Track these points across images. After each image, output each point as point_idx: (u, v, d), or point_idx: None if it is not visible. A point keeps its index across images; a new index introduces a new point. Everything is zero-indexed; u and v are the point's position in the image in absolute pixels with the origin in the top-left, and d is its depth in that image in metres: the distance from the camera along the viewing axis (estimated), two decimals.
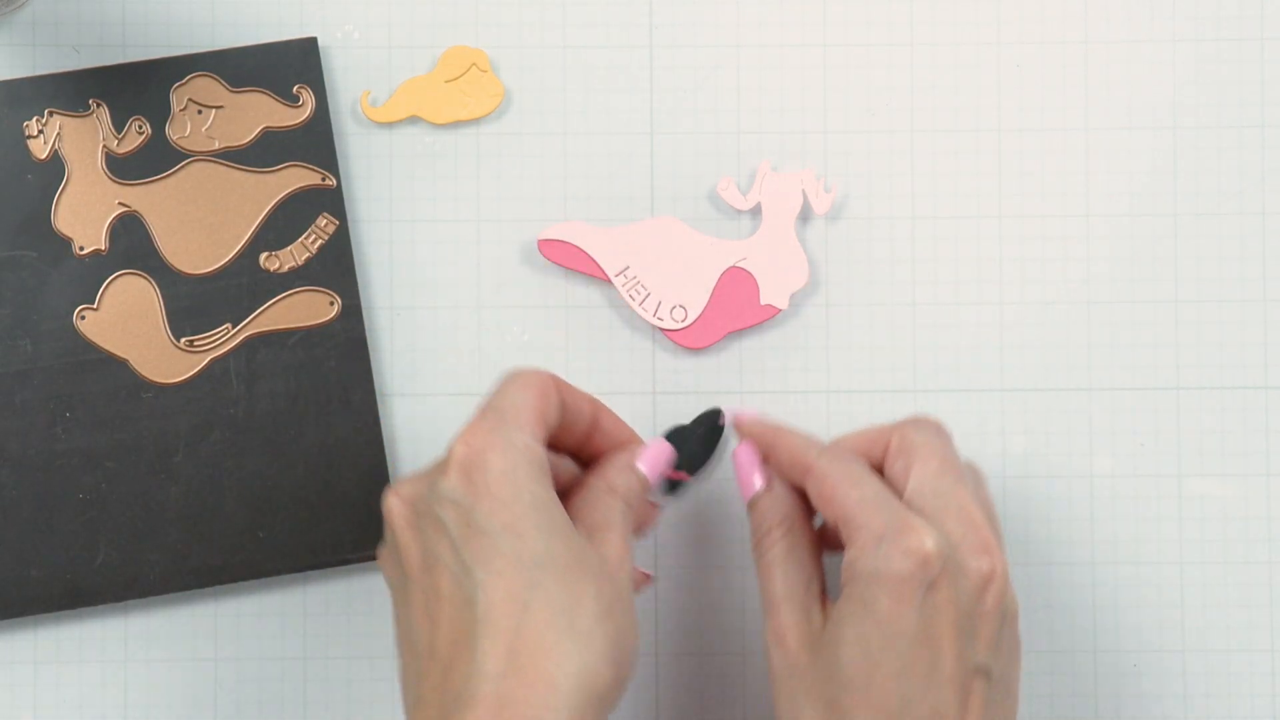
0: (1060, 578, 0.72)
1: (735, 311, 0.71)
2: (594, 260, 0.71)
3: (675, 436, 0.68)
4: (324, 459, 0.70)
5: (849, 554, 0.60)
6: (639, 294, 0.71)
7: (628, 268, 0.71)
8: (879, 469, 0.63)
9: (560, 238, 0.71)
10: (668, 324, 0.71)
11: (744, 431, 0.66)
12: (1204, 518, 0.72)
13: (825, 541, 0.65)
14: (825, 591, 0.63)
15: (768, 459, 0.65)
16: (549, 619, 0.57)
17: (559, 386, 0.62)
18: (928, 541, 0.58)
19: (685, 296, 0.71)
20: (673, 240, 0.71)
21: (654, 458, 0.65)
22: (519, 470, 0.59)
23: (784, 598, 0.62)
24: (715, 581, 0.72)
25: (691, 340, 0.71)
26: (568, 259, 0.71)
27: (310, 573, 0.71)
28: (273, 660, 0.71)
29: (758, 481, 0.65)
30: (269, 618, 0.71)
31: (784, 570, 0.63)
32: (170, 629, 0.71)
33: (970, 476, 0.63)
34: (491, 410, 0.60)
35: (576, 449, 0.65)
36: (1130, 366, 0.72)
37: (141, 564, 0.70)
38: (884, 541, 0.59)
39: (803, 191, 0.71)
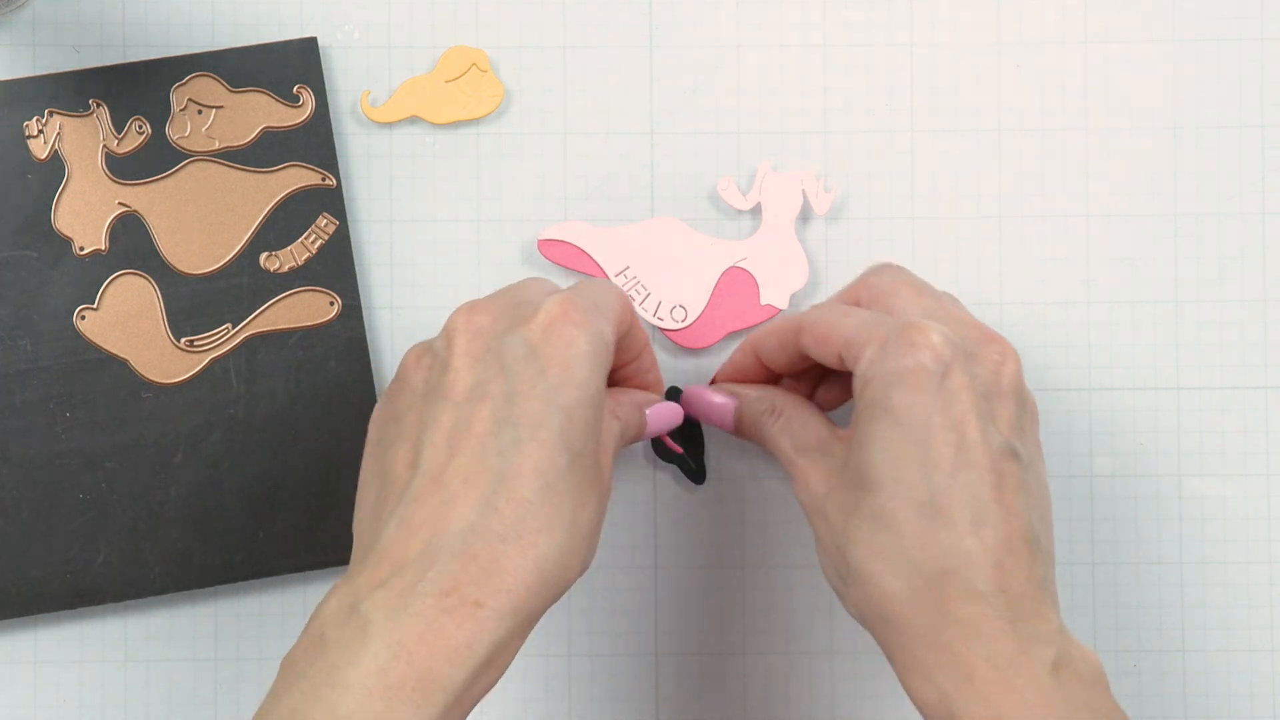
0: (1061, 578, 0.72)
1: (735, 311, 0.71)
2: (594, 260, 0.71)
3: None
4: (324, 459, 0.70)
5: (858, 369, 0.60)
6: (639, 294, 0.71)
7: (628, 268, 0.71)
8: None
9: (560, 238, 0.71)
10: (668, 324, 0.71)
11: (721, 373, 0.69)
12: (1204, 518, 0.72)
13: (827, 405, 0.67)
14: (835, 429, 0.64)
15: (751, 359, 0.67)
16: (561, 506, 0.57)
17: (631, 309, 0.63)
18: (934, 334, 0.58)
19: (685, 296, 0.71)
20: (673, 240, 0.71)
21: (660, 414, 0.67)
22: (597, 359, 0.59)
23: (797, 453, 0.63)
24: (715, 581, 0.72)
25: (692, 340, 0.71)
26: (568, 259, 0.71)
27: (310, 573, 0.71)
28: (273, 660, 0.71)
29: (724, 398, 0.67)
30: (269, 618, 0.71)
31: (789, 435, 0.64)
32: (170, 629, 0.71)
33: (948, 300, 0.63)
34: (584, 295, 0.60)
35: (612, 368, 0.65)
36: (1131, 366, 0.72)
37: (141, 564, 0.70)
38: (889, 345, 0.59)
39: (803, 191, 0.71)
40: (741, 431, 0.67)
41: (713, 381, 0.70)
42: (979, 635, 0.56)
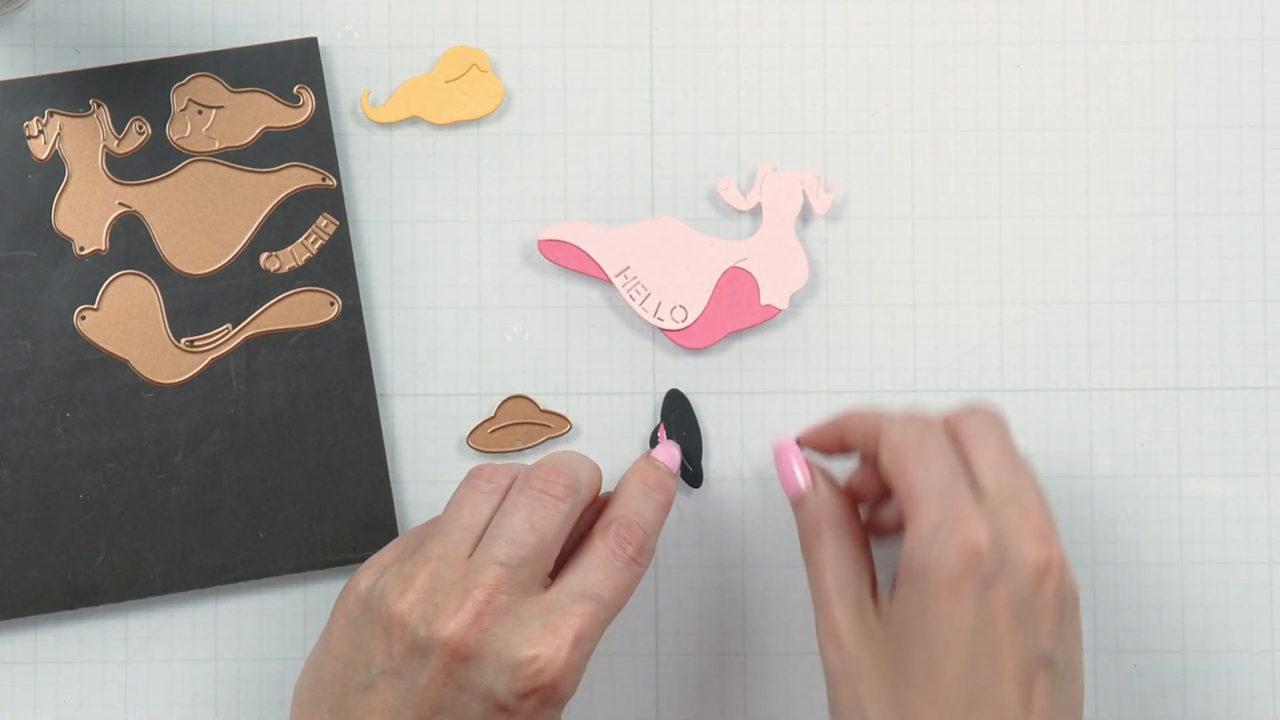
0: None
1: (735, 312, 0.71)
2: (594, 260, 0.71)
3: (672, 433, 0.70)
4: (324, 459, 0.70)
5: (906, 544, 0.60)
6: (639, 294, 0.71)
7: (628, 268, 0.71)
8: None
9: (560, 238, 0.71)
10: (668, 324, 0.71)
11: (805, 438, 0.67)
12: (1204, 518, 0.72)
13: (875, 529, 0.66)
14: (876, 587, 0.63)
15: (836, 436, 0.65)
16: None
17: (594, 490, 0.66)
18: (981, 536, 0.58)
19: (685, 297, 0.71)
20: (673, 240, 0.71)
21: (670, 455, 0.68)
22: (566, 698, 0.62)
23: (836, 595, 0.62)
24: (715, 581, 0.72)
25: (692, 340, 0.71)
26: (568, 259, 0.71)
27: (310, 573, 0.71)
28: (273, 660, 0.71)
29: (802, 480, 0.65)
30: (269, 618, 0.71)
31: (835, 569, 0.62)
32: (170, 629, 0.71)
33: (1024, 474, 0.62)
34: (584, 637, 0.61)
35: None
36: (1130, 366, 0.72)
37: (142, 564, 0.70)
38: (939, 533, 0.59)
39: (803, 191, 0.71)
40: (796, 516, 0.65)
41: (799, 439, 0.67)
42: None
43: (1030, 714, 0.59)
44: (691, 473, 0.71)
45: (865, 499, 0.65)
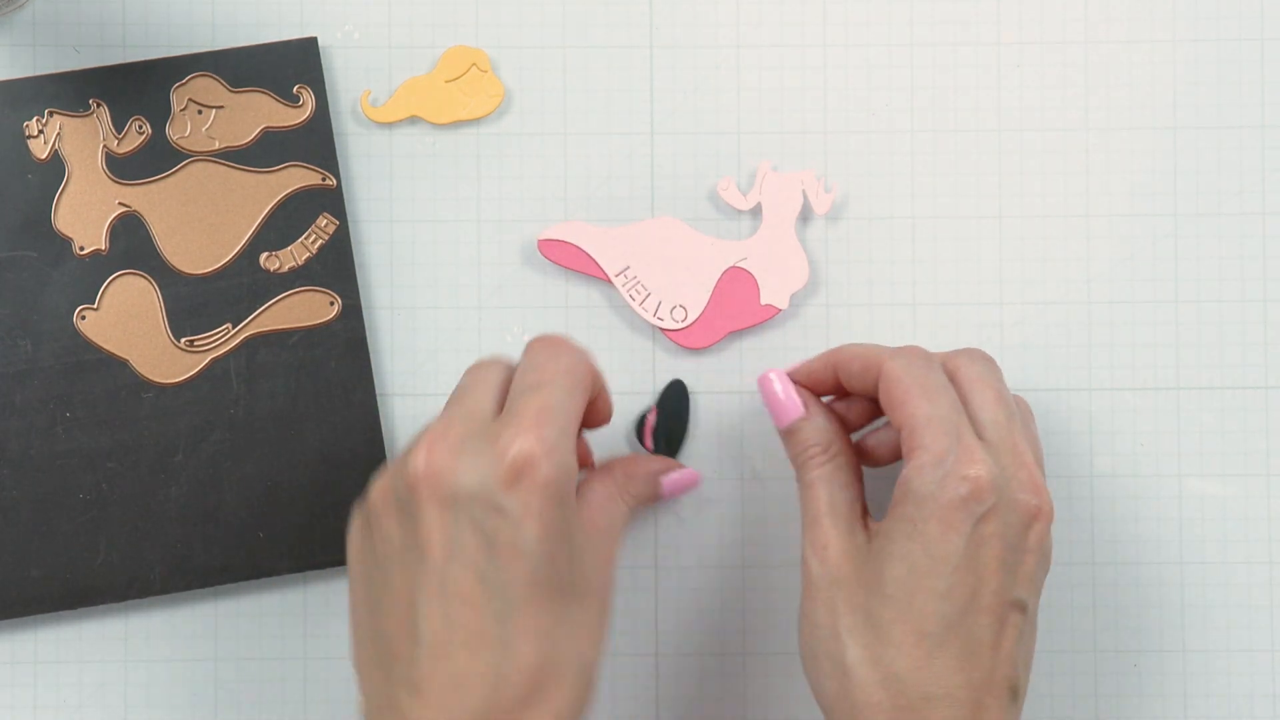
0: (1060, 578, 0.72)
1: (735, 311, 0.71)
2: (594, 260, 0.71)
3: (663, 414, 0.71)
4: (324, 459, 0.70)
5: (906, 470, 0.61)
6: (639, 294, 0.71)
7: (628, 268, 0.71)
8: None
9: (560, 238, 0.71)
10: (668, 324, 0.71)
11: (795, 372, 0.67)
12: (1204, 518, 0.72)
13: (865, 457, 0.67)
14: (866, 512, 0.64)
15: (829, 370, 0.66)
16: (568, 655, 0.58)
17: (600, 384, 0.63)
18: (984, 472, 0.60)
19: (685, 296, 0.71)
20: (673, 240, 0.71)
21: (678, 485, 0.69)
22: (566, 492, 0.59)
23: (827, 512, 0.63)
24: (715, 581, 0.72)
25: (692, 340, 0.71)
26: (568, 259, 0.71)
27: (310, 573, 0.71)
28: (273, 660, 0.71)
29: (796, 407, 0.66)
30: (269, 618, 0.71)
31: (828, 488, 0.64)
32: (170, 629, 0.71)
33: (1020, 414, 0.64)
34: (549, 410, 0.59)
35: None
36: (1130, 366, 0.72)
37: (141, 564, 0.70)
38: (942, 465, 0.60)
39: (803, 191, 0.71)
40: (787, 445, 0.66)
41: (790, 374, 0.68)
42: None
43: (998, 652, 0.60)
44: (667, 449, 0.71)
45: (850, 430, 0.67)
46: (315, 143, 0.71)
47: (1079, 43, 0.73)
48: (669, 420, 0.71)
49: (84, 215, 0.70)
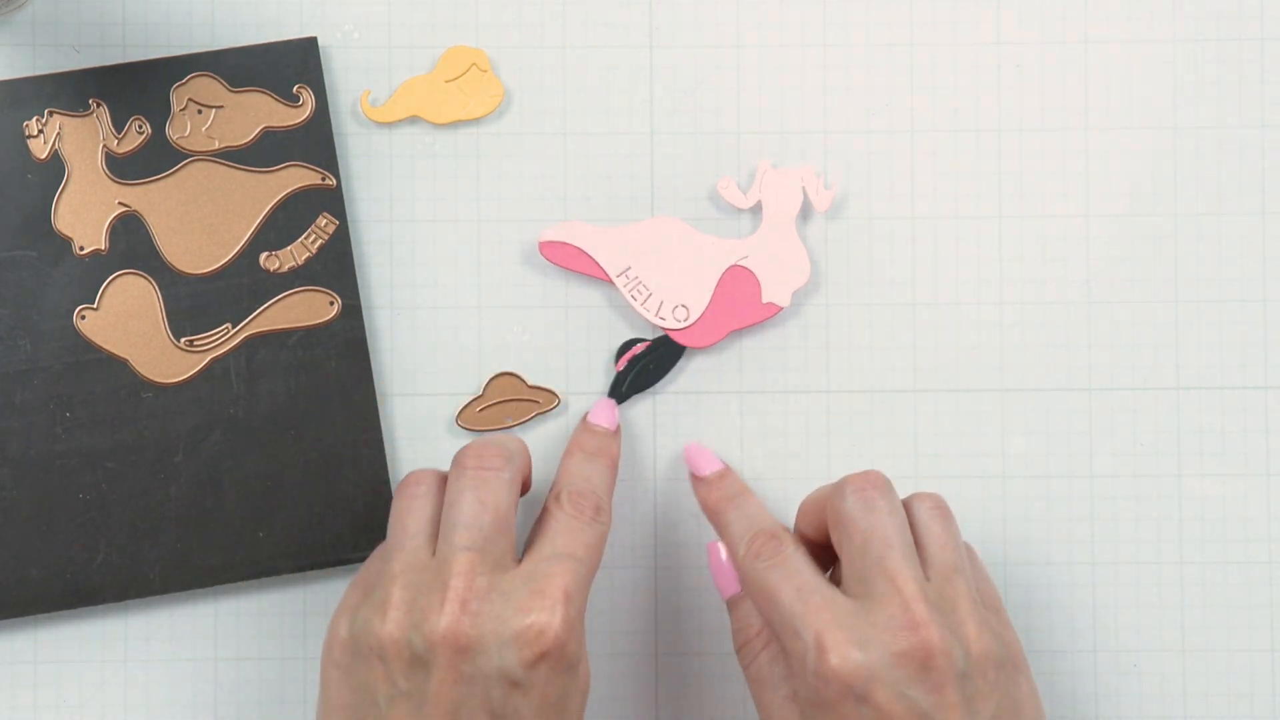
0: (1060, 578, 0.72)
1: (737, 310, 0.71)
2: (595, 261, 0.71)
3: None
4: (324, 459, 0.70)
5: (792, 680, 0.61)
6: (640, 294, 0.71)
7: (629, 268, 0.71)
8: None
9: (561, 239, 0.71)
10: (670, 323, 0.71)
11: (704, 494, 0.69)
12: (1204, 518, 0.72)
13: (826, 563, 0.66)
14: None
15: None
16: None
17: (526, 470, 0.66)
18: (835, 659, 0.59)
19: (687, 296, 0.71)
20: (673, 240, 0.71)
21: (607, 414, 0.69)
22: (577, 660, 0.61)
23: (779, 714, 0.62)
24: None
25: (694, 339, 0.71)
26: (568, 260, 0.71)
27: (310, 573, 0.71)
28: (273, 660, 0.71)
29: (734, 583, 0.66)
30: (269, 618, 0.71)
31: (772, 684, 0.63)
32: (170, 629, 0.71)
33: (916, 519, 0.63)
34: (575, 592, 0.61)
35: None
36: (1130, 366, 0.72)
37: (141, 564, 0.70)
38: (807, 667, 0.60)
39: (803, 189, 0.71)
40: (729, 615, 0.67)
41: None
42: None
43: None
44: (620, 390, 0.71)
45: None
46: (315, 143, 0.71)
47: (1079, 43, 0.73)
48: (650, 363, 0.71)
49: (84, 215, 0.70)
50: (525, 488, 0.66)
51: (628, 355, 0.71)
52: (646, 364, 0.71)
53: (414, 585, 0.61)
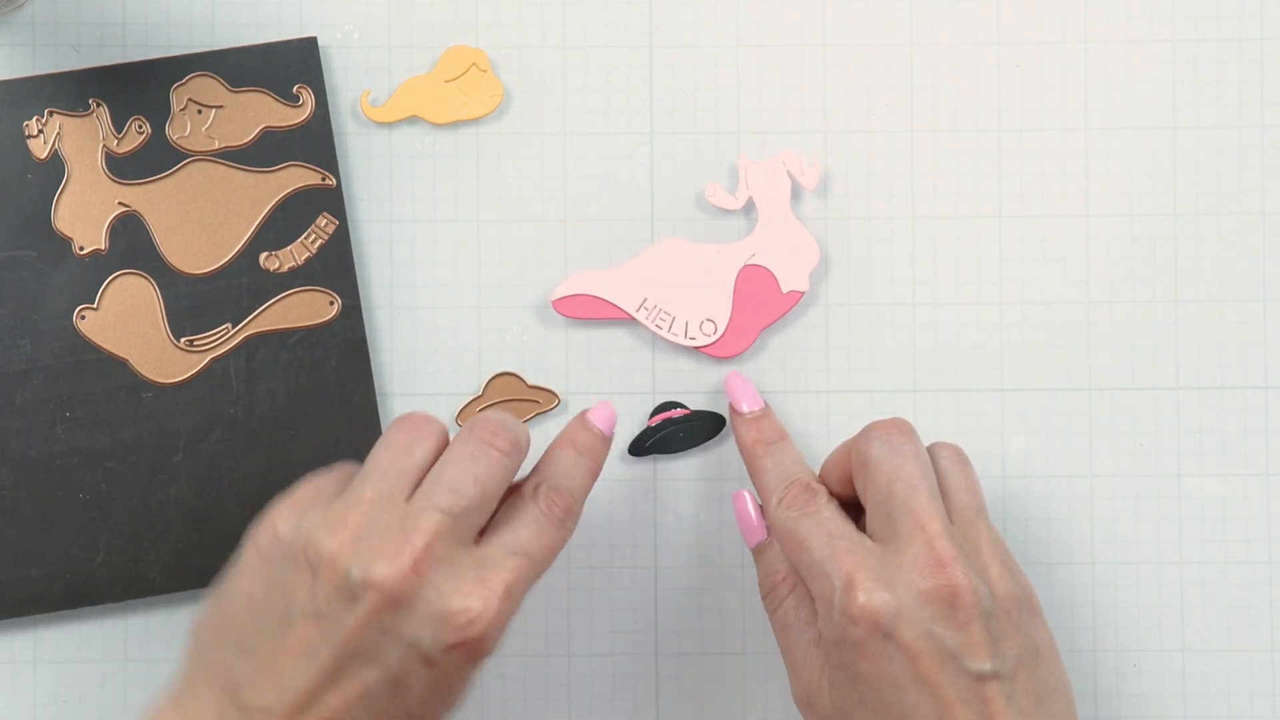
0: (1060, 578, 0.72)
1: (761, 308, 0.71)
2: (611, 303, 0.71)
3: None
4: (324, 459, 0.70)
5: (819, 622, 0.61)
6: (664, 321, 0.71)
7: (645, 299, 0.71)
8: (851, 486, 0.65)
9: (572, 292, 0.71)
10: (700, 340, 0.71)
11: (742, 433, 0.68)
12: (1204, 518, 0.72)
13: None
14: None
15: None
16: None
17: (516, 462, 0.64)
18: (863, 597, 0.59)
19: (709, 310, 0.71)
20: (681, 259, 0.71)
21: (605, 417, 0.66)
22: (486, 657, 0.60)
23: (803, 658, 0.63)
24: (715, 581, 0.72)
25: (728, 349, 0.71)
26: (585, 310, 0.71)
27: None
28: None
29: (760, 531, 0.67)
30: None
31: (798, 628, 0.64)
32: (170, 629, 0.71)
33: (938, 465, 0.64)
34: (517, 592, 0.60)
35: None
36: (1130, 366, 0.72)
37: (141, 564, 0.70)
38: (834, 607, 0.60)
39: (788, 173, 0.71)
40: (756, 564, 0.67)
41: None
42: None
43: None
44: (643, 445, 0.71)
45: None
46: (315, 143, 0.71)
47: (1079, 43, 0.73)
48: (681, 430, 0.71)
49: (84, 215, 0.70)
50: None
51: (663, 415, 0.71)
52: (677, 431, 0.71)
53: (375, 520, 0.59)
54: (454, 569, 0.59)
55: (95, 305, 0.70)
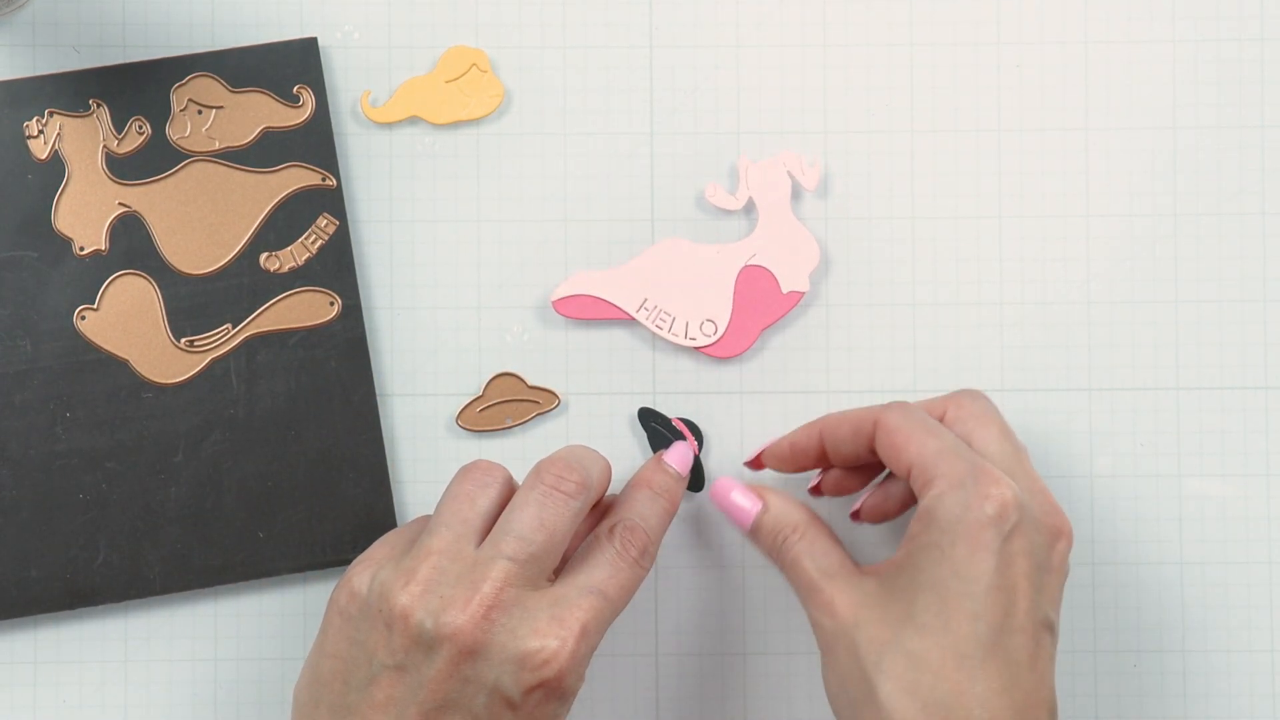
0: None
1: (762, 309, 0.71)
2: (611, 304, 0.71)
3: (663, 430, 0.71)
4: (324, 459, 0.70)
5: (925, 500, 0.62)
6: (665, 321, 0.71)
7: (645, 300, 0.71)
8: None
9: (571, 292, 0.71)
10: (700, 341, 0.71)
11: (769, 453, 0.69)
12: (1204, 518, 0.72)
13: (866, 518, 0.68)
14: (857, 565, 0.65)
15: (814, 440, 0.67)
16: None
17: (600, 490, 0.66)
18: (1008, 490, 0.61)
19: (709, 310, 0.71)
20: (681, 259, 0.71)
21: (682, 459, 0.68)
22: (571, 695, 0.61)
23: (821, 576, 0.64)
24: (715, 581, 0.72)
25: (728, 349, 0.71)
26: (585, 310, 0.71)
27: (310, 573, 0.71)
28: (273, 660, 0.71)
29: (750, 503, 0.67)
30: (269, 618, 0.71)
31: (811, 558, 0.65)
32: (170, 629, 0.71)
33: (1024, 454, 0.65)
34: (593, 630, 0.61)
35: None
36: (1130, 366, 0.72)
37: (141, 564, 0.70)
38: (964, 488, 0.61)
39: (788, 173, 0.71)
40: (758, 540, 0.68)
41: (757, 456, 0.70)
42: None
43: (1035, 672, 0.60)
44: (693, 478, 0.71)
45: (843, 492, 0.69)
46: (315, 143, 0.71)
47: (1079, 43, 0.73)
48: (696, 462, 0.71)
49: (84, 215, 0.70)
50: (597, 503, 0.66)
51: (682, 450, 0.70)
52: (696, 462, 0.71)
53: (445, 571, 0.61)
54: (527, 612, 0.60)
55: (95, 305, 0.70)
